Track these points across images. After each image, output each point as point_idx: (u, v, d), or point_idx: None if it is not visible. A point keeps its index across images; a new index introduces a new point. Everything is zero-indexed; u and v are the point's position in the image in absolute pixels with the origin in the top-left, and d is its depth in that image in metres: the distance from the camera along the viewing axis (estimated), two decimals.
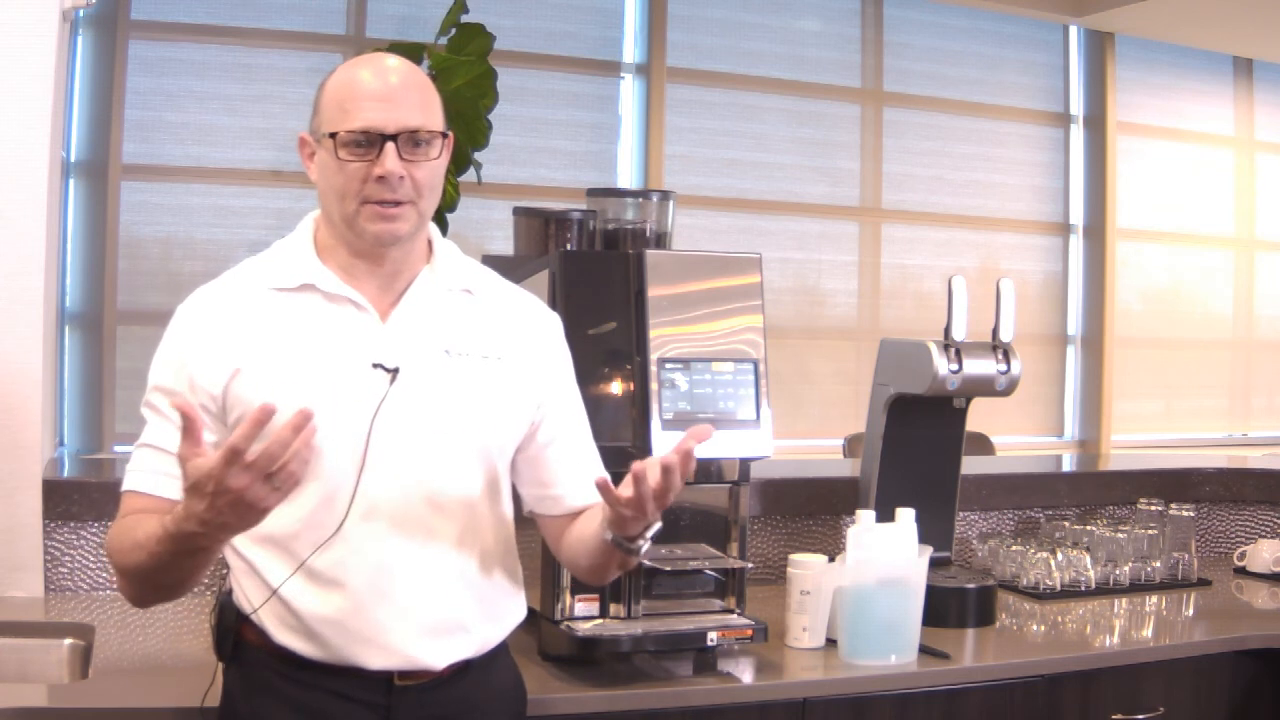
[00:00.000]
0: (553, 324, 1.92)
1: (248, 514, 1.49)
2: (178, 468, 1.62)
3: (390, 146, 1.67)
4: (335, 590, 1.68)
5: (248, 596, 1.72)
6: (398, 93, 1.70)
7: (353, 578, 1.68)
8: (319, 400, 1.66)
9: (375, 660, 1.69)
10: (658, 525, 1.71)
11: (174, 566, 1.59)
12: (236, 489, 1.45)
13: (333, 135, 1.68)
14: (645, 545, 1.73)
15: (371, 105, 1.68)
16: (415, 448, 1.70)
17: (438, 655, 1.72)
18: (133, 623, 2.39)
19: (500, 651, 1.84)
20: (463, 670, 1.76)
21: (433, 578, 1.71)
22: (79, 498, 2.55)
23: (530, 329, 1.86)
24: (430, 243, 1.83)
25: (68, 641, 2.32)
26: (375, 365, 1.70)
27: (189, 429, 1.47)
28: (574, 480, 1.86)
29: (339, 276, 1.74)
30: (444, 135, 1.75)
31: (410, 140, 1.69)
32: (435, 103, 1.76)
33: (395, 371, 1.70)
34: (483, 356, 1.78)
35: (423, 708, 1.72)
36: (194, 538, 1.51)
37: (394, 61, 1.76)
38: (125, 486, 1.70)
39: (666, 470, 1.61)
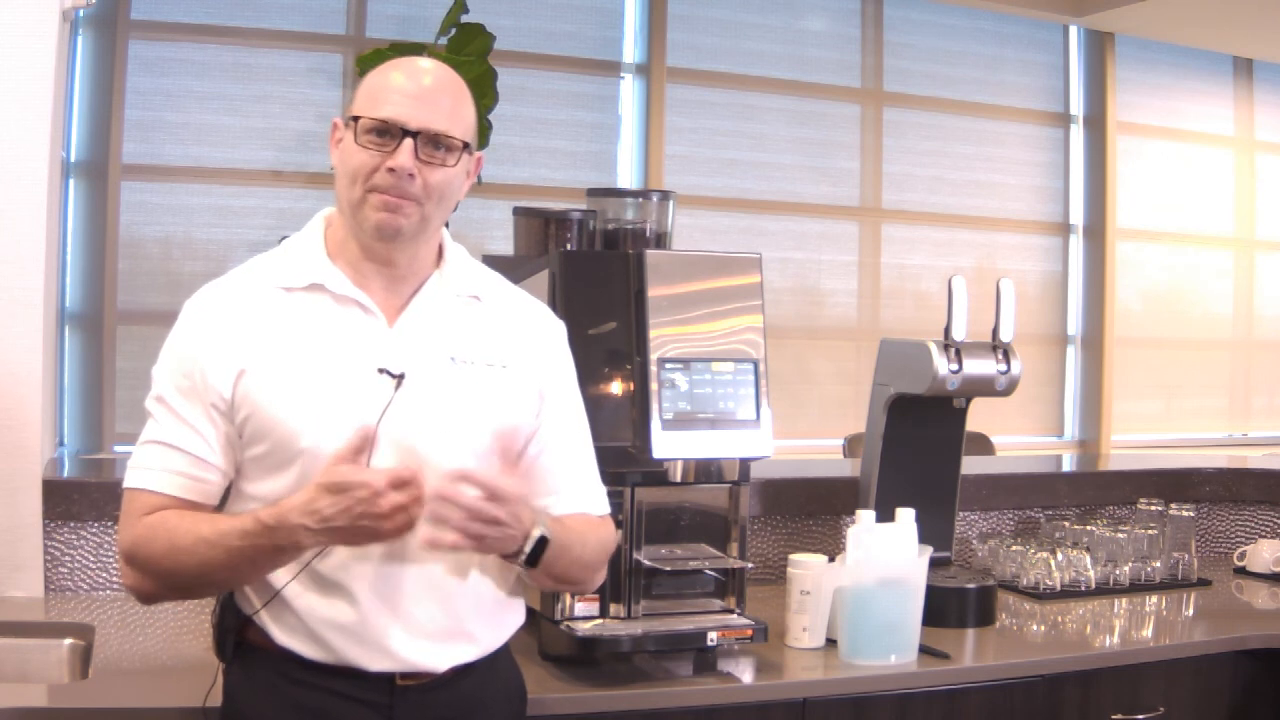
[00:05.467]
0: (557, 332, 1.91)
1: (361, 534, 1.59)
2: (194, 467, 1.68)
3: (408, 142, 1.68)
4: (338, 594, 1.68)
5: (249, 598, 1.72)
6: (429, 93, 1.72)
7: (355, 582, 1.68)
8: (324, 404, 1.66)
9: (377, 663, 1.69)
10: (534, 539, 1.69)
11: (251, 565, 1.64)
12: (383, 507, 1.56)
13: (356, 119, 1.70)
14: (522, 559, 1.70)
15: (400, 99, 1.70)
16: (418, 453, 1.69)
17: (439, 659, 1.73)
18: (133, 623, 2.39)
19: (502, 653, 1.84)
20: (465, 671, 1.76)
21: (435, 583, 1.71)
22: (79, 498, 2.55)
23: (535, 337, 1.86)
24: (441, 247, 1.83)
25: (68, 641, 2.32)
26: (381, 370, 1.70)
27: (360, 447, 1.60)
28: (562, 490, 1.85)
29: (348, 276, 1.74)
30: (466, 147, 1.74)
31: (430, 142, 1.70)
32: (467, 115, 1.76)
33: (400, 377, 1.71)
34: (487, 364, 1.78)
35: (425, 708, 1.72)
36: (295, 533, 1.59)
37: (437, 67, 1.78)
38: (136, 484, 1.70)
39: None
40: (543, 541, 1.70)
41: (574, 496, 1.86)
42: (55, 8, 2.52)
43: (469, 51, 4.67)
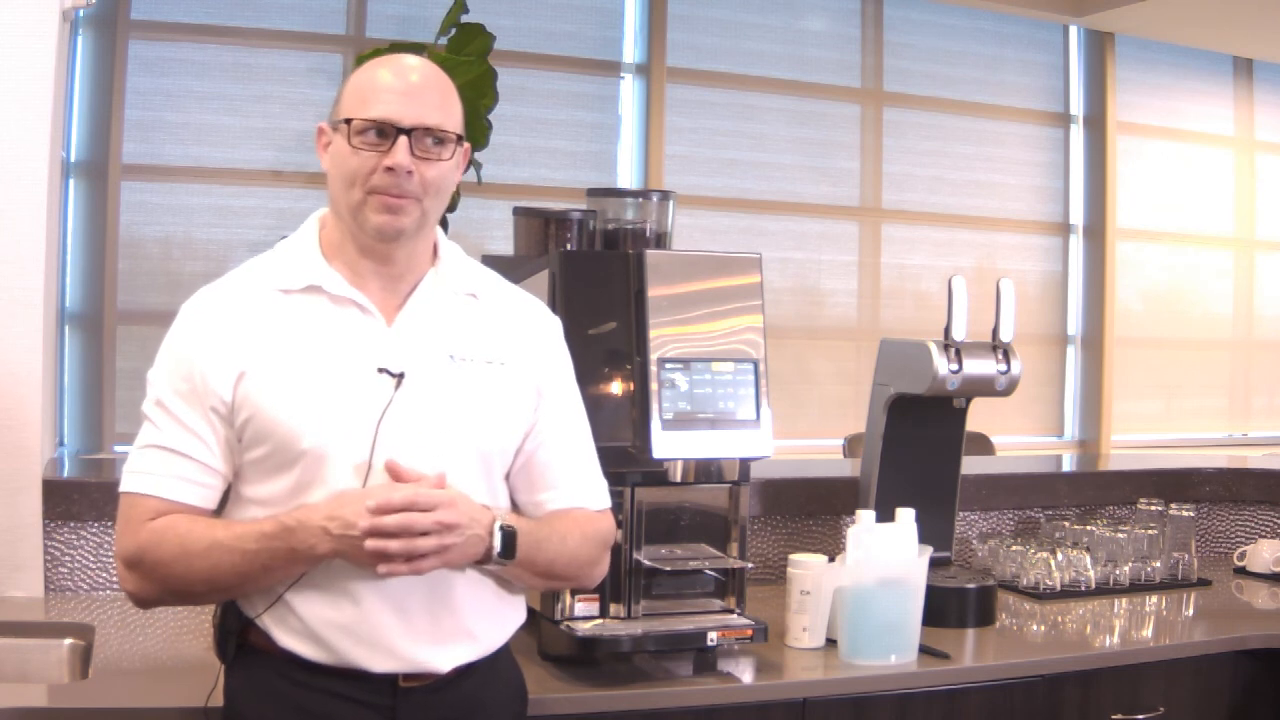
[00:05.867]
0: (553, 328, 1.92)
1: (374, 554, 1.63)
2: (196, 471, 1.68)
3: (403, 140, 1.69)
4: (340, 595, 1.68)
5: (251, 600, 1.72)
6: (418, 90, 1.73)
7: (357, 583, 1.67)
8: (325, 405, 1.67)
9: (380, 664, 1.69)
10: (498, 532, 1.70)
11: (264, 571, 1.65)
12: (419, 528, 1.60)
13: (348, 121, 1.70)
14: (497, 553, 1.70)
15: (391, 98, 1.71)
16: (420, 453, 1.70)
17: (443, 659, 1.72)
18: (133, 623, 2.39)
19: (503, 652, 1.84)
20: (467, 672, 1.76)
21: (437, 582, 1.71)
22: (79, 498, 2.55)
23: (532, 333, 1.87)
24: (435, 245, 1.83)
25: (68, 641, 2.32)
26: (381, 370, 1.71)
27: (400, 473, 1.65)
28: (560, 485, 1.85)
29: (345, 277, 1.75)
30: (459, 140, 1.76)
31: (425, 137, 1.71)
32: (456, 108, 1.77)
33: (400, 376, 1.71)
34: (486, 361, 1.78)
35: (427, 709, 1.72)
36: (314, 535, 1.61)
37: (421, 63, 1.78)
38: (136, 488, 1.70)
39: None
40: (509, 532, 1.70)
41: (571, 491, 1.86)
42: (55, 8, 2.52)
43: (469, 51, 4.67)
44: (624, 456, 2.18)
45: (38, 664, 2.30)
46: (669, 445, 2.16)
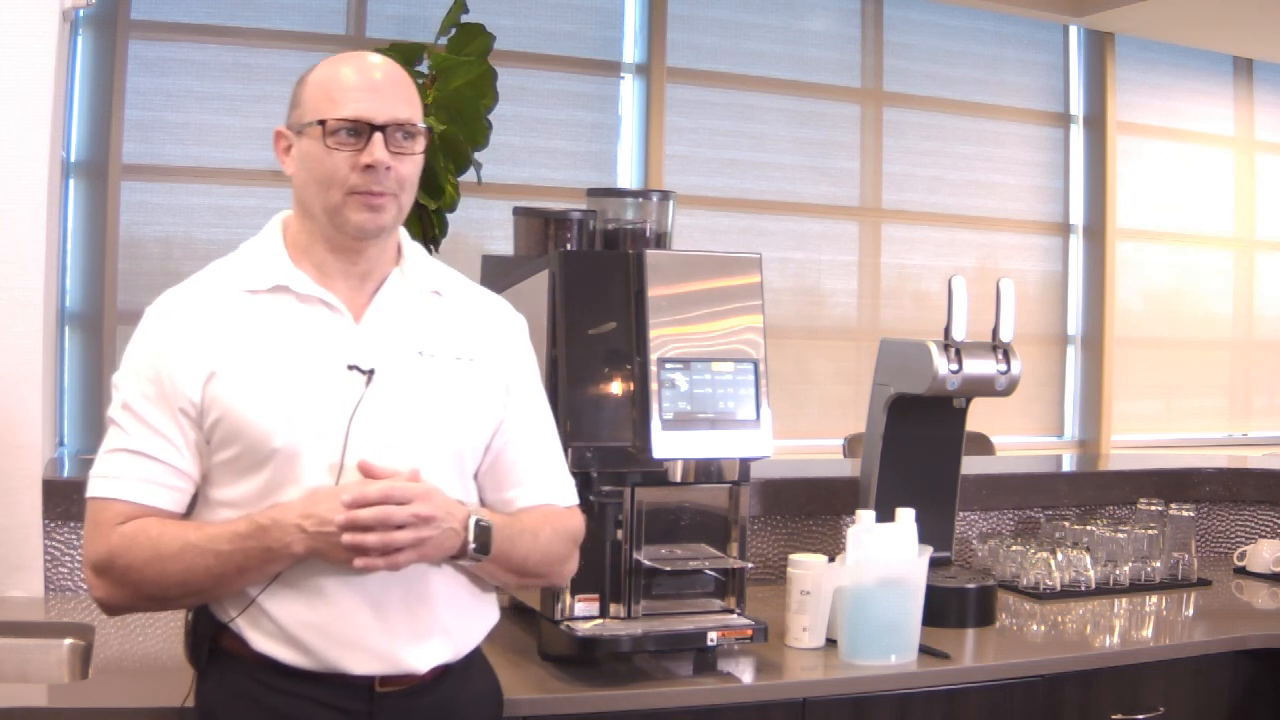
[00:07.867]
0: (519, 326, 1.92)
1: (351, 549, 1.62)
2: (165, 474, 1.67)
3: (378, 136, 1.69)
4: (315, 594, 1.66)
5: (223, 604, 1.70)
6: (384, 86, 1.73)
7: (330, 582, 1.66)
8: (296, 403, 1.66)
9: (359, 665, 1.68)
10: (473, 527, 1.69)
11: (238, 572, 1.63)
12: (395, 521, 1.59)
13: (321, 123, 1.69)
14: (473, 548, 1.70)
15: (360, 96, 1.71)
16: (393, 449, 1.69)
17: (420, 658, 1.72)
18: (133, 623, 2.39)
19: (477, 655, 1.84)
20: (442, 675, 1.75)
21: (414, 579, 1.70)
22: (79, 498, 2.49)
23: (497, 330, 1.87)
24: (399, 245, 1.83)
25: (68, 641, 2.32)
26: (350, 367, 1.70)
27: (373, 472, 1.64)
28: (527, 482, 1.85)
29: (311, 277, 1.74)
30: (426, 131, 1.77)
31: (398, 132, 1.71)
32: (418, 99, 1.79)
33: (371, 373, 1.70)
34: (455, 358, 1.78)
35: (404, 713, 1.71)
36: (288, 534, 1.60)
37: (378, 59, 1.79)
38: (105, 493, 1.68)
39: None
40: (484, 526, 1.70)
41: (539, 488, 1.85)
42: (55, 8, 2.52)
43: (469, 51, 4.65)
44: (624, 456, 2.18)
45: (38, 664, 2.30)
46: (669, 445, 2.16)
